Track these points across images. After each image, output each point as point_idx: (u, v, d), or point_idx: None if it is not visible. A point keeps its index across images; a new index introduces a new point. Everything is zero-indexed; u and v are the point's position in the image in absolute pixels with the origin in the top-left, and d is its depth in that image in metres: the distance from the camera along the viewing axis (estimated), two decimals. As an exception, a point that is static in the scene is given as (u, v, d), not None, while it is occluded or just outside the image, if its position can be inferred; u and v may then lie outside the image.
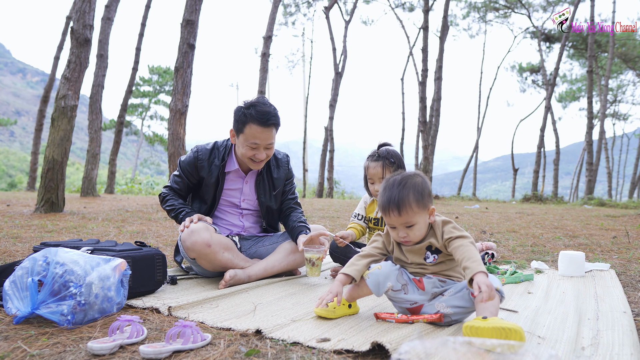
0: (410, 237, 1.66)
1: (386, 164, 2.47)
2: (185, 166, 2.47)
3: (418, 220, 1.65)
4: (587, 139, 16.48)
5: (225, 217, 2.56)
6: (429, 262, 1.68)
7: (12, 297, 1.55)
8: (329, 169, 18.31)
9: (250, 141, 2.31)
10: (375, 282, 1.66)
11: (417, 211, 1.64)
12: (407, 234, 1.65)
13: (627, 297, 2.13)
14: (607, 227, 5.41)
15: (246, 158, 2.37)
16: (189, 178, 2.47)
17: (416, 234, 1.66)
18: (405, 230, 1.66)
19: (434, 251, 1.69)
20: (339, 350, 1.34)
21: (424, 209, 1.66)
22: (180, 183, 2.49)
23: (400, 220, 1.64)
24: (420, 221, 1.66)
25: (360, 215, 2.64)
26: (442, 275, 1.68)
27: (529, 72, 27.18)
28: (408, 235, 1.66)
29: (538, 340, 1.47)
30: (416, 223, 1.65)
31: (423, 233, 1.68)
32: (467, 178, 27.40)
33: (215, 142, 2.53)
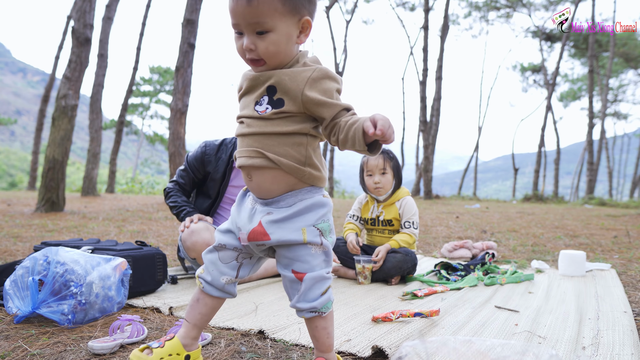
0: (260, 51, 1.07)
1: (386, 157, 2.50)
2: (192, 161, 2.49)
3: (276, 27, 1.05)
4: (587, 138, 16.47)
5: (227, 216, 2.56)
6: (258, 111, 1.10)
7: (13, 296, 1.55)
8: (329, 169, 18.32)
9: None
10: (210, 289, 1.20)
11: (278, 10, 1.04)
12: (255, 45, 1.07)
13: (627, 296, 2.13)
14: (607, 227, 5.40)
15: None
16: (195, 173, 2.48)
17: (269, 49, 1.06)
18: (253, 38, 1.07)
19: (277, 101, 1.09)
20: (341, 352, 1.34)
21: (292, 13, 1.07)
22: (186, 177, 2.49)
23: (246, 14, 1.04)
24: (280, 30, 1.06)
25: (355, 216, 2.64)
26: (260, 151, 1.11)
27: (530, 72, 27.17)
28: (257, 47, 1.07)
29: (539, 340, 1.47)
30: (271, 30, 1.05)
31: (281, 54, 1.09)
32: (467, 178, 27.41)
33: (224, 139, 2.56)
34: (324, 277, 1.13)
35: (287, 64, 1.12)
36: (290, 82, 1.08)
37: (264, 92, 1.11)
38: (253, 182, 1.14)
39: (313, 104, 1.08)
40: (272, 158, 1.10)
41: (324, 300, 1.13)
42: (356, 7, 20.56)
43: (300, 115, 1.10)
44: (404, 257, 2.33)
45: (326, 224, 1.15)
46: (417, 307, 1.84)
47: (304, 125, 1.11)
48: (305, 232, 1.11)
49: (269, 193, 1.14)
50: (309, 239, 1.11)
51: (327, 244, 1.15)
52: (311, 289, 1.11)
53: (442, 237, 4.36)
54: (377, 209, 2.56)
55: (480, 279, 2.38)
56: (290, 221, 1.12)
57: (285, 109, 1.09)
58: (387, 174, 2.49)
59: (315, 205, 1.14)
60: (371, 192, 2.54)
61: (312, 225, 1.13)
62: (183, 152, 7.93)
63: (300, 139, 1.11)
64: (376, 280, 2.38)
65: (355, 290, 2.19)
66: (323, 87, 1.09)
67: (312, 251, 1.13)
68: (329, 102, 1.08)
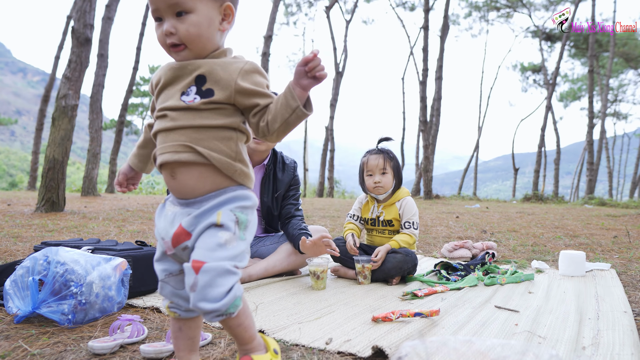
0: (181, 33, 1.02)
1: (386, 157, 2.50)
2: None
3: (196, 8, 1.02)
4: (587, 138, 16.47)
5: None
6: (186, 101, 1.03)
7: (13, 296, 1.55)
8: (329, 169, 18.31)
9: None
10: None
11: None
12: (176, 28, 1.03)
13: (627, 296, 2.13)
14: (607, 227, 5.40)
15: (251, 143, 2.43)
16: None
17: (189, 31, 1.02)
18: (173, 21, 1.03)
19: (206, 92, 1.03)
20: (341, 352, 1.34)
21: None
22: None
23: None
24: (201, 11, 1.03)
25: (355, 216, 2.64)
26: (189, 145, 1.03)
27: (531, 72, 27.17)
28: (177, 30, 1.03)
29: (539, 340, 1.47)
30: (191, 11, 1.02)
31: (203, 37, 1.04)
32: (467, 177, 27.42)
33: None
34: (228, 270, 0.96)
35: (210, 52, 1.08)
36: (222, 72, 1.04)
37: (192, 82, 1.05)
38: (176, 180, 1.05)
39: (246, 94, 1.04)
40: (202, 152, 1.02)
41: (228, 300, 0.96)
42: (356, 7, 20.56)
43: (229, 108, 1.05)
44: (404, 257, 2.33)
45: (244, 216, 1.04)
46: (417, 307, 1.84)
47: (234, 119, 1.06)
48: (220, 215, 1.01)
49: (192, 192, 1.04)
50: (222, 220, 1.00)
51: (240, 237, 1.02)
52: (211, 285, 0.94)
53: (442, 237, 4.36)
54: (377, 209, 2.56)
55: (480, 279, 2.38)
56: (210, 211, 1.02)
57: (215, 99, 1.03)
58: (388, 173, 2.49)
59: (239, 196, 1.05)
60: (371, 191, 2.54)
61: (229, 210, 1.03)
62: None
63: (230, 134, 1.06)
64: (376, 280, 2.38)
65: (355, 290, 2.19)
66: (255, 79, 1.06)
67: (221, 238, 0.99)
68: (262, 91, 1.06)
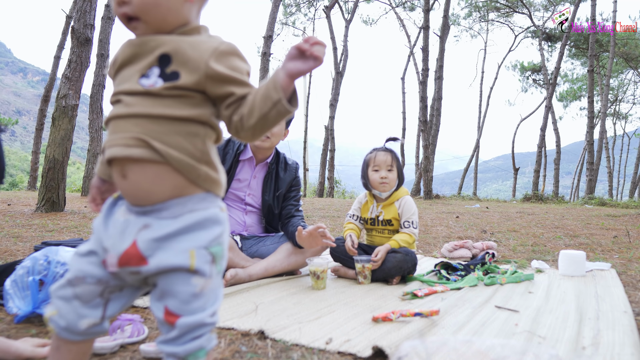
0: (135, 2, 0.86)
1: (393, 155, 2.54)
2: None
3: None
4: (587, 138, 16.47)
5: (229, 212, 2.57)
6: (145, 85, 0.86)
7: (13, 296, 1.55)
8: (329, 169, 18.31)
9: None
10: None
11: None
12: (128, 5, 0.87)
13: (627, 296, 2.13)
14: (607, 227, 5.40)
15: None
16: None
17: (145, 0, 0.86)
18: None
19: (171, 75, 0.86)
20: (341, 352, 1.35)
21: None
22: None
23: None
24: None
25: (355, 216, 2.64)
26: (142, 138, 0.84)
27: (531, 72, 27.16)
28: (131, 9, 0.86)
29: (539, 340, 1.47)
30: None
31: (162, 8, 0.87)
32: (467, 177, 27.41)
33: (230, 137, 2.59)
34: (203, 323, 0.83)
35: (176, 26, 0.89)
36: (191, 50, 0.85)
37: (155, 62, 0.86)
38: (128, 181, 0.86)
39: (219, 80, 0.85)
40: (158, 148, 0.83)
41: (191, 347, 0.83)
42: (356, 7, 20.55)
43: (197, 96, 0.86)
44: (404, 257, 2.33)
45: (220, 248, 0.87)
46: (417, 307, 1.84)
47: (203, 110, 0.87)
48: (194, 256, 0.83)
49: (148, 197, 0.85)
50: (197, 265, 0.83)
51: (216, 275, 0.87)
52: (184, 336, 0.83)
53: (442, 237, 4.36)
54: (376, 208, 2.56)
55: (480, 279, 2.38)
56: (176, 239, 0.83)
57: (181, 83, 0.84)
58: (393, 171, 2.51)
59: (210, 220, 0.86)
60: (375, 187, 2.54)
61: (204, 248, 0.84)
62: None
63: (197, 129, 0.87)
64: (376, 280, 2.38)
65: (355, 290, 2.19)
66: (233, 63, 0.87)
67: (196, 286, 0.83)
68: (239, 78, 0.86)
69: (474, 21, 25.39)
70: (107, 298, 0.90)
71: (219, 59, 0.85)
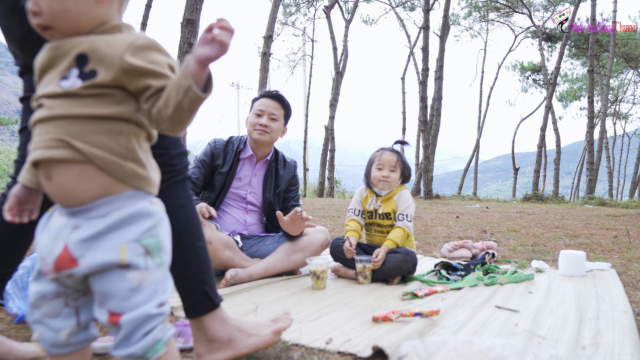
0: (44, 11, 0.85)
1: (399, 158, 2.55)
2: (201, 157, 2.55)
3: None
4: (587, 138, 16.47)
5: (230, 211, 2.58)
6: (64, 86, 0.85)
7: (13, 296, 1.55)
8: (329, 169, 18.31)
9: (257, 109, 2.53)
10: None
11: None
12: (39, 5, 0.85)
13: (627, 296, 2.13)
14: (607, 227, 5.40)
15: (252, 129, 2.52)
16: (205, 168, 2.53)
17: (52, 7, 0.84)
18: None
19: (89, 74, 0.84)
20: (341, 352, 1.35)
21: None
22: (197, 172, 2.51)
23: None
24: None
25: (357, 210, 2.63)
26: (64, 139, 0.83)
27: (531, 72, 27.16)
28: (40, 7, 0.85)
29: (539, 339, 1.48)
30: None
31: (72, 13, 0.86)
32: (467, 177, 27.41)
33: (230, 137, 2.64)
34: (149, 315, 0.82)
35: (93, 27, 0.88)
36: (107, 48, 0.84)
37: (73, 63, 0.85)
38: (53, 182, 0.85)
39: (135, 73, 0.84)
40: (80, 148, 0.82)
41: (146, 343, 0.82)
42: (356, 7, 20.55)
43: (118, 94, 0.85)
44: (404, 257, 2.33)
45: (154, 240, 0.86)
46: (417, 307, 1.85)
47: (125, 108, 0.86)
48: (125, 250, 0.82)
49: (75, 198, 0.84)
50: (128, 259, 0.82)
51: (157, 268, 0.86)
52: (133, 333, 0.82)
53: (442, 237, 4.36)
54: (375, 202, 2.57)
55: (480, 279, 2.38)
56: (105, 237, 0.82)
57: (98, 81, 0.83)
58: (396, 172, 2.51)
59: (139, 215, 0.85)
60: (375, 184, 2.54)
61: (134, 241, 0.83)
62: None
63: (120, 126, 0.86)
64: (376, 280, 2.38)
65: (355, 290, 2.19)
66: (150, 57, 0.85)
67: (133, 280, 0.82)
68: (156, 70, 0.84)
69: (474, 21, 25.39)
70: (75, 305, 0.90)
71: (135, 53, 0.84)
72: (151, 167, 0.91)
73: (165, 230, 0.90)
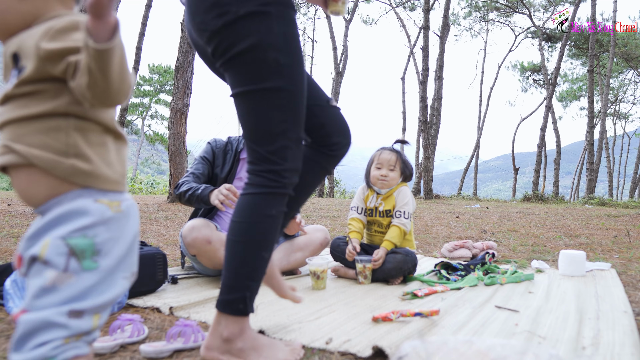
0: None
1: (398, 157, 2.55)
2: (203, 154, 2.54)
3: None
4: (587, 138, 16.47)
5: (230, 210, 2.57)
6: (6, 91, 0.85)
7: (13, 296, 1.55)
8: (329, 169, 18.29)
9: None
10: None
11: None
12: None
13: (627, 296, 2.13)
14: (607, 227, 5.40)
15: None
16: (208, 164, 2.52)
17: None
18: None
19: (20, 71, 0.82)
20: (341, 351, 1.35)
21: None
22: (201, 167, 2.50)
23: None
24: None
25: (360, 208, 2.63)
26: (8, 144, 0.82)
27: (531, 72, 27.15)
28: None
29: (539, 339, 1.48)
30: None
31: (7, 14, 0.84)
32: (467, 177, 27.40)
33: (229, 137, 2.63)
34: (49, 322, 0.74)
35: (24, 25, 0.84)
36: (29, 40, 0.80)
37: (11, 65, 0.84)
38: (14, 187, 0.86)
39: (53, 57, 0.78)
40: (19, 150, 0.80)
41: (35, 356, 0.73)
42: (356, 7, 20.55)
43: (50, 89, 0.81)
44: (405, 258, 2.33)
45: (86, 241, 0.79)
46: (417, 307, 1.84)
47: (59, 101, 0.81)
48: (47, 246, 0.77)
49: (31, 200, 0.84)
50: (47, 255, 0.76)
51: (80, 271, 0.78)
52: (27, 338, 0.74)
53: (442, 237, 4.36)
54: (375, 200, 2.57)
55: (480, 279, 2.38)
56: (39, 235, 0.80)
57: (25, 76, 0.80)
58: (395, 171, 2.51)
59: (72, 213, 0.80)
60: (374, 183, 2.55)
61: (59, 238, 0.78)
62: (183, 152, 7.93)
63: (58, 123, 0.81)
64: (376, 280, 2.38)
65: (355, 290, 2.19)
66: (71, 37, 0.80)
67: (46, 279, 0.76)
68: (75, 46, 0.78)
69: (474, 21, 25.39)
70: None
71: (53, 38, 0.79)
72: (104, 161, 0.84)
73: (111, 232, 0.83)
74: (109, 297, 0.82)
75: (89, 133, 0.84)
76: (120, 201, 0.86)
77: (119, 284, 0.84)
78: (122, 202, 0.86)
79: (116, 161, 0.87)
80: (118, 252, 0.83)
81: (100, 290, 0.80)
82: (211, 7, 1.15)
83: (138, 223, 0.90)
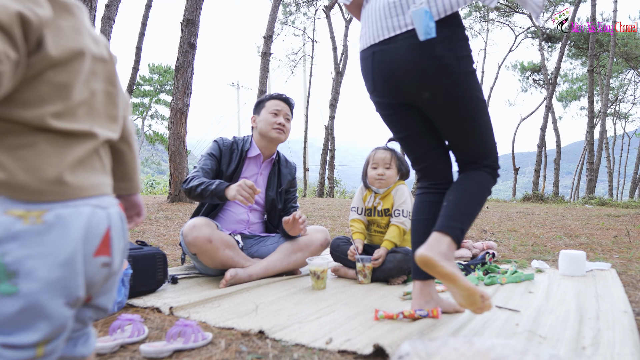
0: None
1: (393, 154, 2.55)
2: (210, 151, 2.54)
3: None
4: (587, 138, 16.46)
5: (233, 210, 2.58)
6: None
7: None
8: (329, 169, 18.31)
9: (272, 109, 2.53)
10: None
11: None
12: None
13: (628, 296, 2.13)
14: (607, 227, 5.40)
15: (270, 128, 2.51)
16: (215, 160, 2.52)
17: None
18: None
19: None
20: (342, 350, 1.35)
21: None
22: (210, 163, 2.49)
23: None
24: None
25: (360, 208, 2.63)
26: None
27: (531, 72, 27.14)
28: None
29: (539, 339, 1.48)
30: None
31: None
32: (467, 177, 27.30)
33: (234, 137, 2.64)
34: None
35: None
36: None
37: None
38: None
39: None
40: None
41: None
42: (356, 7, 20.52)
43: None
44: (405, 257, 2.33)
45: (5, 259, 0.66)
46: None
47: None
48: None
49: None
50: None
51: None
52: None
53: (442, 237, 4.35)
54: (373, 199, 2.57)
55: (480, 279, 2.38)
56: None
57: None
58: (391, 169, 2.52)
59: None
60: (372, 183, 2.55)
61: None
62: (183, 152, 7.93)
63: None
64: (376, 280, 2.38)
65: (356, 290, 2.19)
66: None
67: None
68: None
69: (474, 21, 25.37)
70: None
71: None
72: (25, 167, 0.70)
73: (28, 249, 0.68)
74: (45, 329, 0.68)
75: (4, 135, 0.70)
76: (44, 211, 0.69)
77: (57, 312, 0.69)
78: (48, 211, 0.70)
79: (53, 164, 0.71)
80: (46, 274, 0.68)
81: (29, 319, 0.67)
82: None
83: (83, 236, 0.72)
